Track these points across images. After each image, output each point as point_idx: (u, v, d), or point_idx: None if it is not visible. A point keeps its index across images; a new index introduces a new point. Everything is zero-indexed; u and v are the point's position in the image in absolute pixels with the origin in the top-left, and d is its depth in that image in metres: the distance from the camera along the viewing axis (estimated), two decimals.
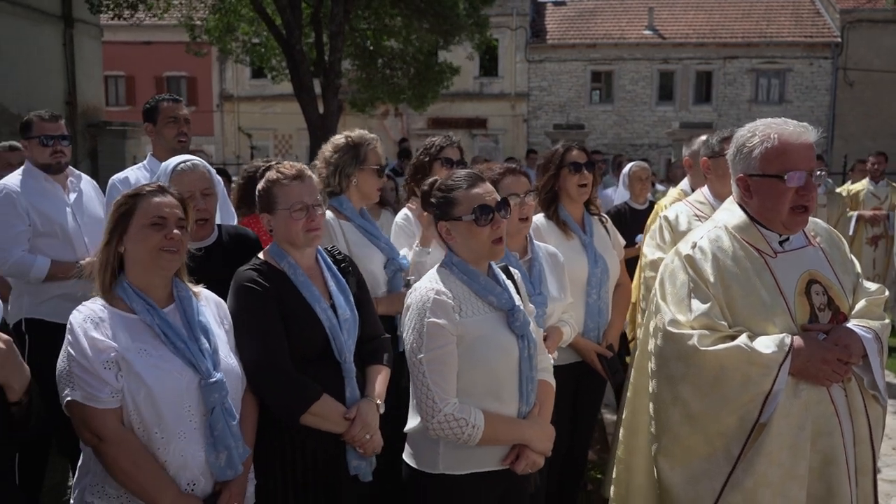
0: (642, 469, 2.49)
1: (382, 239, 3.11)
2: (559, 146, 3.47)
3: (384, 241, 3.13)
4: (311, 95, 14.15)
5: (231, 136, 27.82)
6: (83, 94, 14.40)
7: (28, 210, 3.57)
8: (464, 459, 2.18)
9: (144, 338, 2.00)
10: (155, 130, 3.65)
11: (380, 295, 3.02)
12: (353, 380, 2.38)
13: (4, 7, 12.42)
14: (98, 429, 1.92)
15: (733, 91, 26.29)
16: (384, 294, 3.06)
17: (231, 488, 2.07)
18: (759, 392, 2.06)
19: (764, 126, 2.13)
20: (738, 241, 2.19)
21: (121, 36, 22.82)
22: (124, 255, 2.05)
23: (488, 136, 27.29)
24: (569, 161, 3.33)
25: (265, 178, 2.45)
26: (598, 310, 3.37)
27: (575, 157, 3.35)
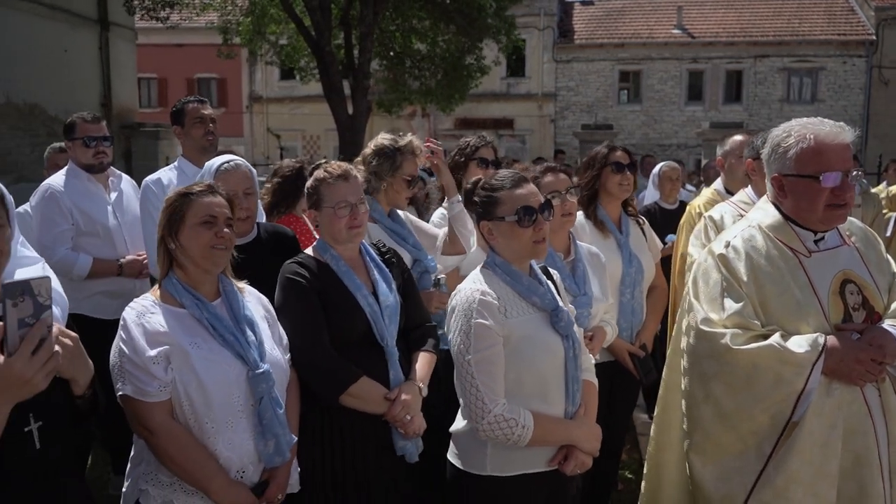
0: (672, 465, 2.50)
1: (410, 240, 3.15)
2: (603, 147, 3.52)
3: (411, 242, 3.17)
4: (341, 96, 14.30)
5: (260, 137, 28.14)
6: (118, 97, 14.70)
7: (71, 209, 3.69)
8: (512, 461, 2.19)
9: (194, 331, 2.08)
10: (183, 132, 3.72)
11: None
12: (397, 363, 2.46)
13: (43, 11, 12.73)
14: (147, 421, 2.00)
15: (764, 90, 25.95)
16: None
17: (277, 476, 2.15)
18: (792, 391, 2.06)
19: (800, 126, 2.14)
20: (771, 240, 2.20)
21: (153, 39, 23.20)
22: (175, 252, 2.12)
23: (515, 136, 27.26)
24: (612, 161, 3.38)
25: (313, 177, 2.56)
26: (631, 309, 3.39)
27: (618, 157, 3.41)
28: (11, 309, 1.45)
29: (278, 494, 2.15)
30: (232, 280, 2.24)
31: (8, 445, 1.51)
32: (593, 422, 2.35)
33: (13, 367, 1.45)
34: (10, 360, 1.45)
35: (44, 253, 3.60)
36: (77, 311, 3.68)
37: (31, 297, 1.47)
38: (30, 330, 1.47)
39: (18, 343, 1.46)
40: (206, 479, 2.01)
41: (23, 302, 1.46)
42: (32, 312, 1.47)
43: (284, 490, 2.19)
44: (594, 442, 2.29)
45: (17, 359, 1.45)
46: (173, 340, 2.03)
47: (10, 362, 1.45)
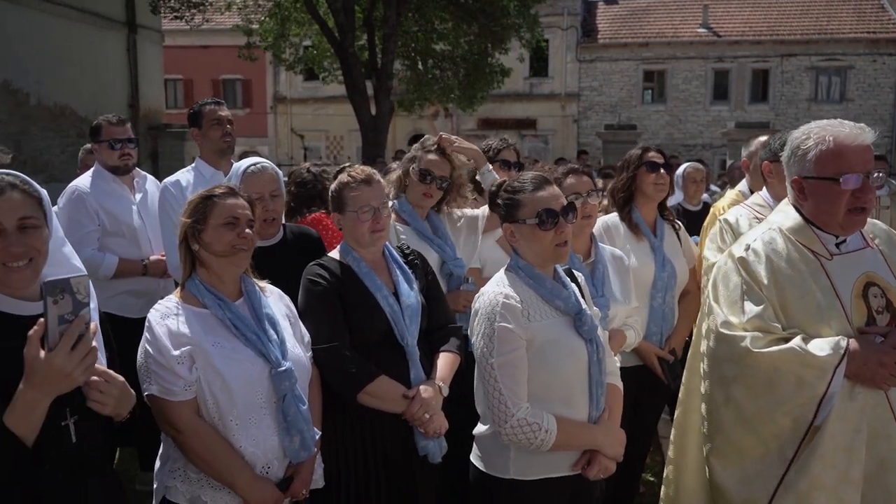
0: (692, 469, 2.49)
1: (437, 242, 3.15)
2: (637, 149, 3.51)
3: (438, 243, 3.16)
4: (364, 97, 14.39)
5: (284, 138, 28.37)
6: (145, 98, 14.93)
7: (97, 210, 3.73)
8: (534, 464, 2.18)
9: (217, 331, 2.12)
10: (201, 134, 3.73)
11: None
12: (418, 363, 2.48)
13: (73, 14, 12.97)
14: (174, 420, 2.05)
15: (791, 90, 25.61)
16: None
17: (302, 472, 2.19)
18: (814, 395, 2.05)
19: (819, 128, 2.12)
20: (792, 243, 2.18)
21: (179, 40, 23.51)
22: (198, 252, 2.16)
23: (538, 136, 27.18)
24: (647, 160, 3.37)
25: (337, 181, 2.59)
26: (662, 314, 3.36)
27: (652, 156, 3.39)
28: (52, 306, 1.51)
29: (303, 490, 2.19)
30: (254, 280, 2.28)
31: (46, 439, 1.57)
32: (617, 426, 2.33)
33: (54, 361, 1.51)
34: (51, 355, 1.51)
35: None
36: (103, 310, 3.77)
37: (71, 295, 1.53)
38: (69, 326, 1.53)
39: (58, 339, 1.52)
40: (233, 475, 2.06)
41: (62, 299, 1.52)
42: (72, 309, 1.53)
43: (309, 485, 2.23)
44: (618, 447, 2.27)
45: (57, 353, 1.52)
46: (196, 341, 2.07)
47: (50, 356, 1.51)
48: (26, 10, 11.95)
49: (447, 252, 3.15)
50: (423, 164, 3.11)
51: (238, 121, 4.30)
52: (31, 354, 1.52)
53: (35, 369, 1.52)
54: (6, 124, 11.70)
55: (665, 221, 3.49)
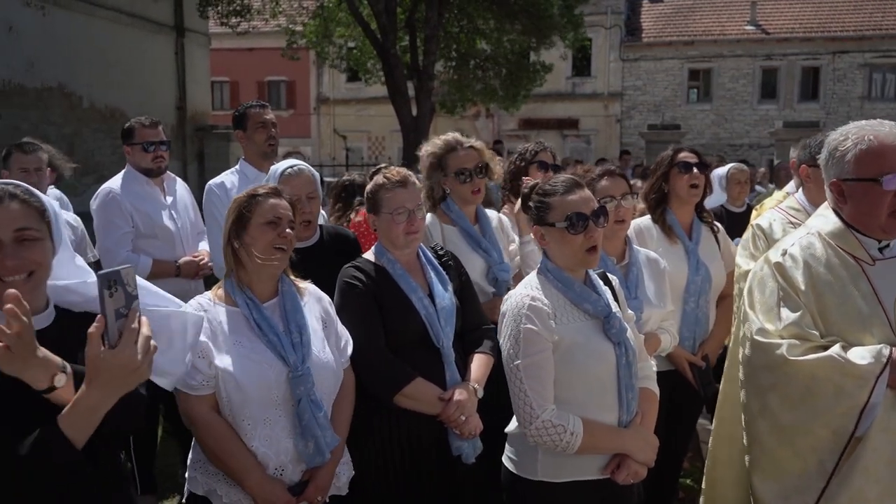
0: (728, 481, 2.44)
1: (483, 244, 3.09)
2: (669, 149, 3.43)
3: (485, 246, 3.10)
4: (405, 98, 14.46)
5: (327, 138, 28.69)
6: (192, 100, 15.26)
7: (131, 212, 3.75)
8: (563, 467, 2.17)
9: (242, 330, 2.15)
10: (245, 136, 3.76)
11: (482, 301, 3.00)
12: (453, 364, 2.50)
13: (124, 19, 13.34)
14: (191, 413, 2.09)
15: (843, 88, 24.89)
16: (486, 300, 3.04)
17: (318, 478, 2.18)
18: (854, 405, 1.98)
19: (857, 128, 2.05)
20: (832, 248, 2.11)
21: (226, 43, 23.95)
22: (238, 251, 2.19)
23: (580, 136, 26.96)
24: (678, 161, 3.29)
25: (373, 182, 2.61)
26: (695, 319, 3.28)
27: (684, 157, 3.30)
28: (108, 300, 1.45)
29: (318, 496, 2.18)
30: (293, 280, 2.30)
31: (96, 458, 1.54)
32: (650, 431, 2.29)
33: (122, 357, 1.45)
34: (117, 351, 1.45)
35: (106, 255, 3.77)
36: None
37: (122, 287, 1.47)
38: (126, 320, 1.48)
39: (117, 334, 1.47)
40: (242, 472, 2.07)
41: (116, 292, 1.46)
42: (125, 303, 1.48)
43: (325, 492, 2.21)
44: (649, 452, 2.24)
45: (124, 348, 1.46)
46: (219, 337, 2.11)
47: (117, 352, 1.45)
48: (79, 15, 12.34)
49: (493, 256, 3.10)
50: (455, 168, 3.05)
51: (282, 122, 4.37)
52: (95, 353, 1.45)
53: (101, 368, 1.45)
54: (60, 126, 12.09)
55: (703, 223, 3.40)
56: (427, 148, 3.18)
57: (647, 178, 3.50)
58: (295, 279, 2.32)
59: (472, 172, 3.06)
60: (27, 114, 11.39)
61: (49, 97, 11.92)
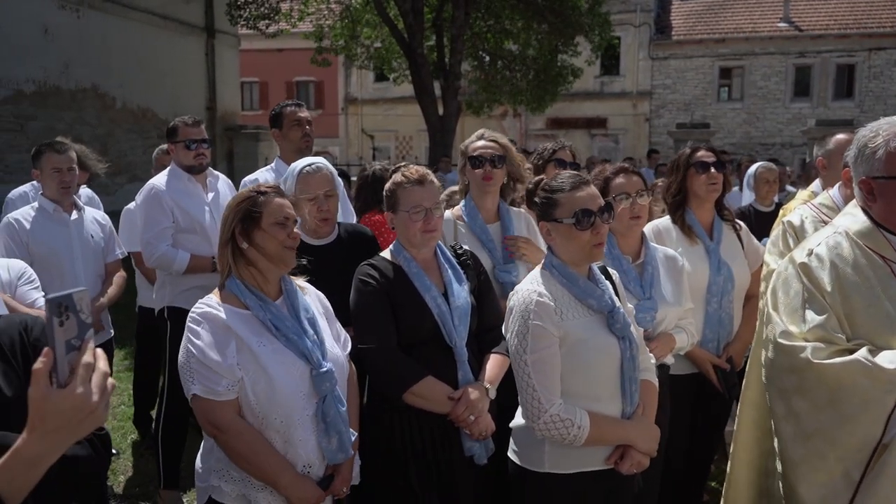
0: (742, 483, 2.40)
1: (487, 245, 3.09)
2: (686, 148, 3.38)
3: (490, 247, 3.09)
4: (432, 98, 14.50)
5: (355, 138, 28.86)
6: (222, 100, 15.48)
7: (172, 208, 3.85)
8: (569, 458, 2.20)
9: (260, 332, 2.12)
10: (281, 134, 3.86)
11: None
12: (466, 364, 2.48)
13: (156, 21, 13.57)
14: (217, 420, 2.05)
15: (879, 85, 24.35)
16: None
17: (342, 471, 2.20)
18: (882, 411, 1.91)
19: (889, 125, 1.99)
20: (860, 248, 2.05)
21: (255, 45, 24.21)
22: (247, 252, 2.14)
23: (608, 136, 26.75)
24: (695, 161, 3.24)
25: (392, 180, 2.60)
26: (718, 319, 3.22)
27: (702, 156, 3.24)
28: (59, 329, 1.16)
29: (343, 487, 2.20)
30: (292, 279, 2.28)
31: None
32: (652, 422, 2.32)
33: (74, 397, 1.15)
34: (68, 391, 1.16)
35: (147, 248, 3.88)
36: (175, 304, 3.89)
37: (75, 314, 1.19)
38: (78, 353, 1.19)
39: (68, 370, 1.18)
40: (276, 474, 2.06)
41: (68, 320, 1.18)
42: (77, 333, 1.19)
43: (349, 483, 2.24)
44: (651, 442, 2.27)
45: (76, 387, 1.16)
46: (241, 341, 2.08)
47: (68, 393, 1.16)
48: (112, 17, 12.58)
49: (496, 257, 3.08)
50: (471, 153, 3.12)
51: None
52: (40, 393, 1.14)
53: (47, 412, 1.15)
54: (94, 126, 12.34)
55: (724, 222, 3.33)
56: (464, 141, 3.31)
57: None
58: (293, 278, 2.30)
59: (485, 160, 3.08)
60: (62, 114, 11.64)
61: (83, 98, 12.18)
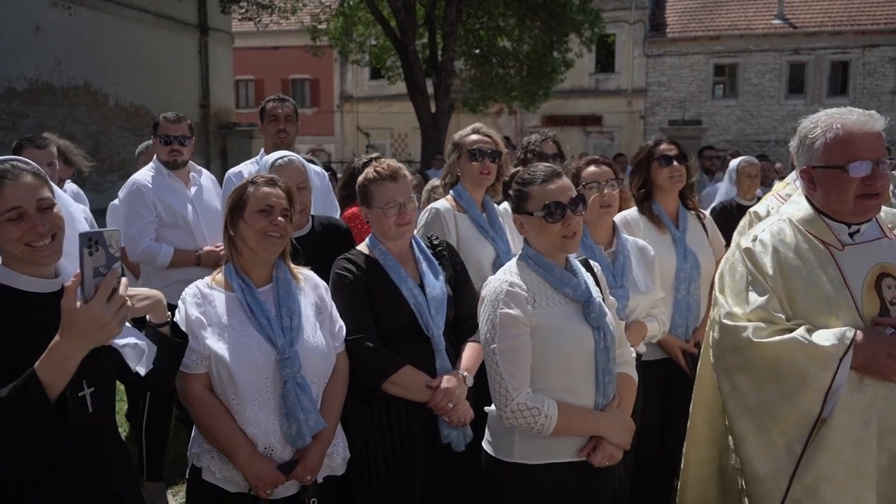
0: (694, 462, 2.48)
1: (491, 234, 3.15)
2: (650, 141, 3.47)
3: (492, 236, 3.15)
4: (424, 95, 14.54)
5: (350, 136, 28.85)
6: (215, 98, 15.50)
7: (155, 203, 3.91)
8: (540, 449, 2.20)
9: (236, 314, 2.23)
10: (262, 129, 3.97)
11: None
12: (444, 353, 2.55)
13: (149, 19, 13.60)
14: (185, 392, 2.19)
15: (873, 82, 24.39)
16: None
17: (306, 459, 2.24)
18: (819, 386, 2.00)
19: (827, 116, 2.08)
20: (802, 233, 2.14)
21: (251, 42, 24.26)
22: (234, 238, 2.27)
23: (603, 133, 26.78)
24: (659, 154, 3.33)
25: (364, 175, 2.66)
26: (686, 306, 3.31)
27: (664, 149, 3.33)
28: (87, 258, 1.53)
29: (307, 475, 2.23)
30: (290, 266, 2.36)
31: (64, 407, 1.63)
32: (627, 415, 2.32)
33: (93, 310, 1.53)
34: (89, 305, 1.53)
35: (129, 242, 3.93)
36: None
37: (104, 248, 1.55)
38: (104, 278, 1.56)
39: (94, 290, 1.54)
40: (233, 448, 2.15)
41: (97, 251, 1.54)
42: (105, 262, 1.56)
43: (315, 472, 2.26)
44: (624, 435, 2.27)
45: (95, 303, 1.54)
46: (213, 320, 2.20)
47: (89, 307, 1.53)
48: (105, 15, 12.61)
49: (500, 246, 3.14)
50: (470, 146, 3.17)
51: (306, 119, 4.48)
52: (69, 305, 1.54)
53: (73, 319, 1.54)
54: (86, 124, 12.38)
55: (688, 211, 3.43)
56: (454, 134, 3.36)
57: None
58: (292, 266, 2.39)
59: (485, 154, 3.14)
60: (54, 112, 11.68)
61: (76, 96, 12.21)
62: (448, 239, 2.97)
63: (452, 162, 3.25)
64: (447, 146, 3.37)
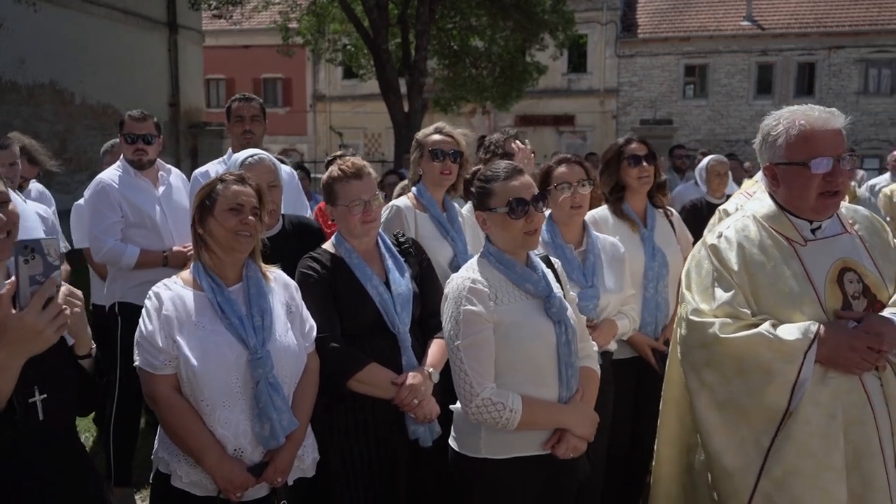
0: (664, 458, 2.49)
1: (451, 234, 3.16)
2: (620, 140, 3.47)
3: (452, 236, 3.17)
4: (397, 95, 14.51)
5: (323, 136, 28.70)
6: (185, 96, 15.32)
7: (121, 202, 3.83)
8: (505, 444, 2.22)
9: (206, 313, 2.19)
10: (229, 128, 3.93)
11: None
12: (410, 350, 2.55)
13: (117, 16, 13.39)
14: (152, 393, 2.14)
15: (839, 83, 24.89)
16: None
17: (277, 461, 2.20)
18: (785, 380, 2.03)
19: (789, 113, 2.11)
20: (766, 229, 2.17)
21: (222, 41, 24.02)
22: (203, 236, 2.24)
23: (576, 133, 26.98)
24: (628, 154, 3.33)
25: (328, 173, 2.66)
26: (655, 304, 3.33)
27: (634, 149, 3.34)
28: (23, 266, 1.54)
29: (278, 477, 2.20)
30: (260, 266, 2.33)
31: (11, 415, 1.59)
32: (590, 407, 2.35)
33: (26, 319, 1.53)
34: (23, 313, 1.54)
35: (94, 243, 3.86)
36: (125, 300, 3.84)
37: (41, 256, 1.56)
38: (40, 286, 1.56)
39: (30, 298, 1.55)
40: (201, 450, 2.11)
41: (33, 260, 1.55)
42: (42, 271, 1.56)
43: (285, 474, 2.23)
44: (588, 427, 2.30)
45: (29, 311, 1.54)
46: (182, 319, 2.16)
47: (22, 315, 1.53)
48: (71, 11, 12.39)
49: (458, 246, 3.16)
50: (431, 145, 3.18)
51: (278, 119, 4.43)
52: (3, 312, 1.54)
53: (7, 327, 1.53)
54: (52, 123, 12.16)
55: (656, 210, 3.45)
56: (418, 133, 3.36)
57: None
58: (263, 265, 2.36)
59: (446, 154, 3.16)
60: (19, 110, 11.46)
61: (41, 94, 11.99)
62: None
63: (415, 161, 3.26)
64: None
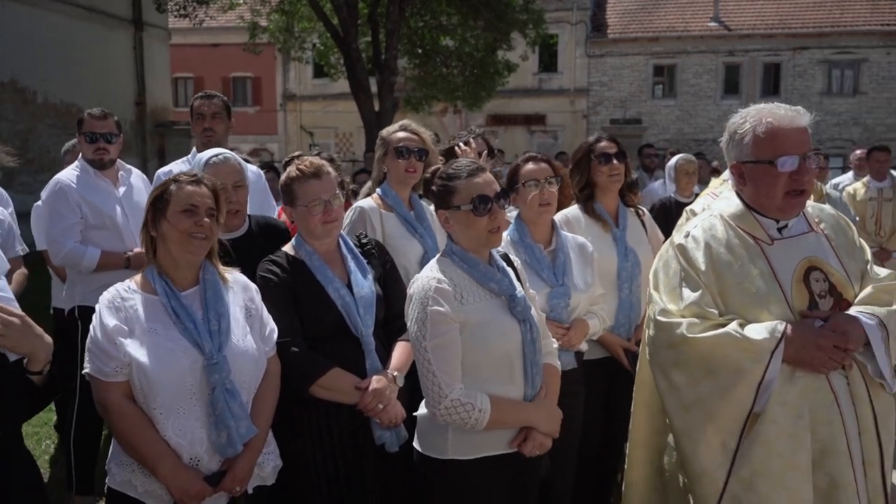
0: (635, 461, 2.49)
1: (419, 231, 3.14)
2: (590, 139, 3.46)
3: (421, 233, 3.15)
4: (368, 94, 14.43)
5: (294, 135, 28.44)
6: (152, 95, 15.07)
7: (80, 203, 3.73)
8: (473, 444, 2.20)
9: (160, 318, 2.12)
10: (192, 127, 3.84)
11: None
12: (374, 353, 2.49)
13: (80, 13, 13.11)
14: (102, 400, 2.06)
15: (803, 83, 25.33)
16: None
17: (235, 469, 2.13)
18: (752, 380, 2.02)
19: (755, 112, 2.11)
20: (733, 228, 2.17)
21: (190, 39, 23.65)
22: (156, 239, 2.16)
23: (547, 132, 27.10)
24: (598, 152, 3.33)
25: (286, 174, 2.59)
26: (629, 304, 3.32)
27: (604, 147, 3.33)
28: None
29: (236, 486, 2.14)
30: (217, 268, 2.26)
31: None
32: (554, 404, 2.36)
33: None
34: None
35: (52, 245, 3.75)
36: (86, 303, 3.73)
37: None
38: None
39: None
40: (155, 460, 2.03)
41: None
42: None
43: (243, 482, 2.17)
44: (553, 423, 2.30)
45: None
46: (134, 325, 2.08)
47: None
48: (33, 8, 12.10)
49: (428, 243, 3.13)
50: (396, 143, 3.15)
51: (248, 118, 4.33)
52: None
53: None
54: (13, 122, 11.87)
55: (628, 209, 3.45)
56: (382, 130, 3.32)
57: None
58: (221, 267, 2.29)
59: (411, 152, 3.13)
60: None
61: (1, 92, 11.69)
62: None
63: (379, 158, 3.22)
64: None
